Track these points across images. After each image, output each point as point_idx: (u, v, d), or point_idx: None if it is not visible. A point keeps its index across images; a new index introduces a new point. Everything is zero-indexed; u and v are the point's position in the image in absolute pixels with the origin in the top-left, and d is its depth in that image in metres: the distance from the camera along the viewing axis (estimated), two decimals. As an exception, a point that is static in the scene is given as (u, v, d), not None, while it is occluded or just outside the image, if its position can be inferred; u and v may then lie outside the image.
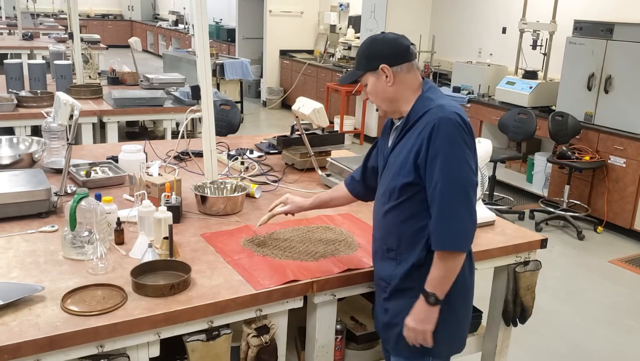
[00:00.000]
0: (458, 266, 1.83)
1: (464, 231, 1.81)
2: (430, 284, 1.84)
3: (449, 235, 1.80)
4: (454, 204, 1.79)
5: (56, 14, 15.48)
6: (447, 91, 6.99)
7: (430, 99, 1.88)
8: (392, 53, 1.89)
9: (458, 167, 1.78)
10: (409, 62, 1.90)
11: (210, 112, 2.72)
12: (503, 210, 5.71)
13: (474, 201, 1.83)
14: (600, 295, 4.28)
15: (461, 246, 1.82)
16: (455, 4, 7.81)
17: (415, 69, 1.92)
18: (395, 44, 1.90)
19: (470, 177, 1.81)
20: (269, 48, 10.43)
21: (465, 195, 1.79)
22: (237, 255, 2.16)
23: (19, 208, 2.38)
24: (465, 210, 1.80)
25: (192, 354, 1.83)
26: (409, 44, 1.92)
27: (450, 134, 1.78)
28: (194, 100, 2.92)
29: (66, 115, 2.60)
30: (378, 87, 1.92)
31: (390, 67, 1.88)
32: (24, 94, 4.62)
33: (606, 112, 5.35)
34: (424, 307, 1.86)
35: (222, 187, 2.70)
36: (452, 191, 1.79)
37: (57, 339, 1.63)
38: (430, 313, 1.86)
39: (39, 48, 8.43)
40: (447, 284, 1.84)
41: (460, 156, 1.79)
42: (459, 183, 1.78)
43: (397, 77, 1.89)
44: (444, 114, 1.80)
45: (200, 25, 2.63)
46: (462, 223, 1.80)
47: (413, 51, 1.92)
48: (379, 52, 1.91)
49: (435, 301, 1.84)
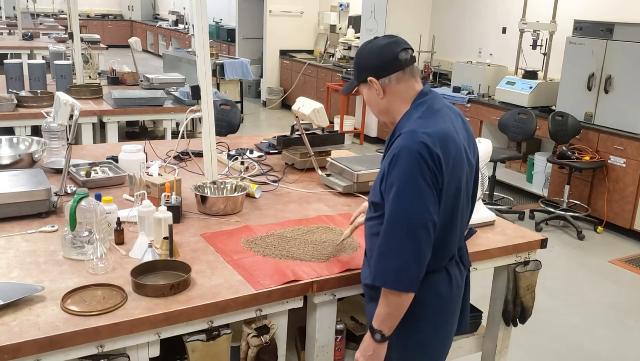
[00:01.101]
0: (404, 304, 1.73)
1: (403, 270, 1.67)
2: (376, 321, 1.77)
3: (387, 273, 1.69)
4: (397, 241, 1.68)
5: (56, 14, 15.48)
6: (447, 91, 7.00)
7: (409, 119, 1.77)
8: (377, 64, 1.79)
9: (408, 202, 1.67)
10: (399, 72, 1.78)
11: (210, 112, 2.72)
12: (503, 210, 5.71)
13: (422, 242, 1.68)
14: (600, 295, 4.28)
15: (400, 286, 1.69)
16: (455, 4, 7.81)
17: (408, 78, 1.80)
18: (381, 54, 1.79)
19: (421, 214, 1.66)
20: (269, 48, 10.43)
21: (411, 232, 1.66)
22: (237, 255, 2.16)
23: (19, 208, 2.38)
24: (408, 249, 1.67)
25: (192, 354, 1.84)
26: (398, 51, 1.78)
27: (407, 167, 1.66)
28: (194, 100, 2.92)
29: (66, 115, 2.60)
30: (370, 98, 1.86)
31: (377, 79, 1.79)
32: (24, 94, 4.61)
33: (606, 112, 5.35)
34: (371, 343, 1.79)
35: (222, 187, 2.70)
36: (397, 227, 1.68)
37: (57, 339, 1.63)
38: (377, 349, 1.79)
39: (39, 48, 8.43)
40: (394, 321, 1.76)
41: (413, 194, 1.66)
42: (405, 218, 1.67)
43: (387, 89, 1.80)
44: (408, 143, 1.67)
45: (200, 25, 2.63)
46: (403, 261, 1.67)
47: (404, 58, 1.79)
48: (366, 63, 1.82)
49: (381, 338, 1.77)
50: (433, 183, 1.68)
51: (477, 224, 2.57)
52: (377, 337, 1.78)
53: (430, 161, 1.66)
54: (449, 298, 1.90)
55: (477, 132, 6.62)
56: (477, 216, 2.58)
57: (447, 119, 1.80)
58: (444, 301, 1.89)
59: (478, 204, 2.60)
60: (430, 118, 1.76)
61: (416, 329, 1.85)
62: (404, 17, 7.97)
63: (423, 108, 1.79)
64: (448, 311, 1.92)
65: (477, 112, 6.65)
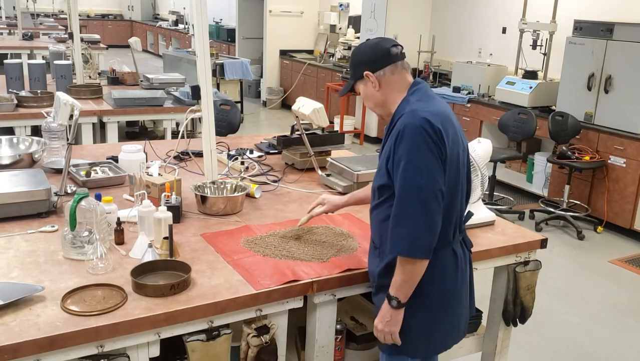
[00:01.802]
0: (418, 271, 1.82)
1: (417, 237, 1.77)
2: (392, 288, 1.86)
3: (401, 241, 1.79)
4: (409, 210, 1.78)
5: (56, 14, 15.48)
6: (447, 91, 7.00)
7: (409, 103, 1.89)
8: (372, 59, 1.93)
9: (417, 174, 1.77)
10: (392, 65, 1.92)
11: (210, 112, 2.72)
12: (503, 210, 5.71)
13: (433, 209, 1.78)
14: (600, 295, 4.28)
15: (414, 252, 1.79)
16: (455, 4, 7.81)
17: (400, 70, 1.94)
18: (374, 49, 1.94)
19: (430, 185, 1.77)
20: (269, 48, 10.43)
21: (422, 202, 1.76)
22: (237, 255, 2.16)
23: (19, 207, 2.38)
24: (420, 217, 1.77)
25: (192, 354, 1.84)
26: (390, 46, 1.92)
27: (413, 140, 1.77)
28: (194, 100, 2.92)
29: (66, 115, 2.60)
30: (367, 93, 1.98)
31: (372, 73, 1.92)
32: (24, 94, 4.62)
33: (606, 112, 5.35)
34: (388, 309, 1.88)
35: (222, 187, 2.70)
36: (409, 197, 1.78)
37: (57, 339, 1.63)
38: (395, 315, 1.88)
39: (39, 48, 8.43)
40: (409, 288, 1.84)
41: (421, 163, 1.77)
42: (416, 189, 1.77)
43: (382, 81, 1.93)
44: (411, 119, 1.79)
45: (200, 25, 2.63)
46: (416, 229, 1.77)
47: (395, 52, 1.92)
48: (360, 60, 1.96)
49: (397, 304, 1.86)
50: (438, 154, 1.79)
51: (477, 224, 2.57)
52: (393, 303, 1.86)
53: (433, 135, 1.77)
54: (454, 279, 1.98)
55: (477, 132, 6.62)
56: (477, 216, 2.58)
57: (442, 103, 1.94)
58: (450, 282, 1.96)
59: (478, 204, 2.60)
60: (427, 101, 1.89)
61: (423, 309, 1.92)
62: (404, 17, 7.97)
63: (419, 94, 1.92)
64: (454, 292, 1.99)
65: (477, 112, 6.65)
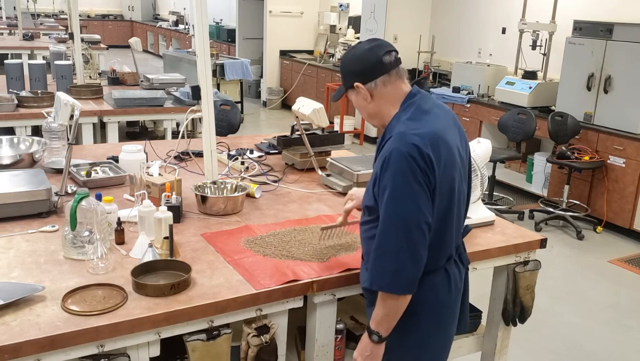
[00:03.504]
0: (401, 305, 1.73)
1: (399, 272, 1.68)
2: (373, 322, 1.79)
3: (383, 276, 1.69)
4: (392, 243, 1.68)
5: (56, 14, 15.47)
6: (447, 91, 7.01)
7: (399, 121, 1.77)
8: (362, 69, 1.78)
9: (401, 205, 1.66)
10: (385, 75, 1.78)
11: (210, 113, 2.73)
12: (503, 210, 5.71)
13: (418, 243, 1.67)
14: (599, 295, 4.28)
15: (396, 288, 1.69)
16: (455, 4, 7.81)
17: (394, 80, 1.80)
18: (365, 59, 1.78)
19: (415, 216, 1.66)
20: (269, 48, 10.44)
21: (406, 234, 1.66)
22: (237, 255, 2.16)
23: (19, 207, 2.38)
24: (403, 250, 1.66)
25: (192, 354, 1.84)
26: (382, 54, 1.77)
27: (398, 169, 1.66)
28: (194, 100, 2.92)
29: (66, 115, 2.60)
30: (359, 103, 1.86)
31: (363, 84, 1.79)
32: (25, 94, 4.62)
33: (606, 113, 5.36)
34: (368, 343, 1.81)
35: (222, 187, 2.71)
36: (391, 229, 1.68)
37: (58, 339, 1.64)
38: (375, 349, 1.81)
39: (40, 48, 8.43)
40: (391, 322, 1.77)
41: (406, 194, 1.66)
42: (399, 220, 1.66)
43: (374, 93, 1.80)
44: (398, 145, 1.67)
45: (201, 25, 2.63)
46: (398, 263, 1.67)
47: (388, 61, 1.78)
48: (350, 69, 1.82)
49: (378, 339, 1.79)
50: (425, 183, 1.67)
51: (477, 224, 2.57)
52: (374, 338, 1.80)
53: (421, 162, 1.66)
54: (448, 298, 1.90)
55: (477, 132, 6.63)
56: (477, 216, 2.59)
57: (437, 119, 1.79)
58: (443, 301, 1.88)
59: (478, 204, 2.60)
60: (419, 119, 1.75)
61: (415, 329, 1.86)
62: (403, 18, 7.97)
63: (412, 109, 1.79)
64: (447, 310, 1.92)
65: (476, 113, 6.65)
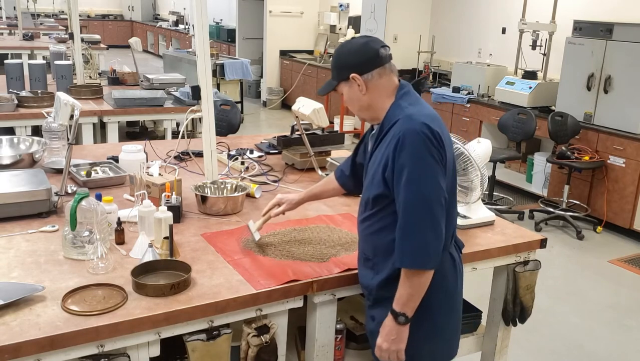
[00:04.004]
0: (425, 283, 1.78)
1: (426, 248, 1.74)
2: (398, 303, 1.80)
3: (411, 253, 1.74)
4: (417, 221, 1.73)
5: (56, 14, 15.47)
6: (447, 91, 7.01)
7: (401, 107, 1.82)
8: (360, 61, 1.83)
9: (422, 183, 1.72)
10: (381, 67, 1.84)
11: (210, 113, 2.73)
12: (503, 210, 5.71)
13: (439, 217, 1.75)
14: (599, 295, 4.28)
15: (424, 263, 1.75)
16: (455, 4, 7.81)
17: (388, 73, 1.86)
18: (362, 51, 1.84)
19: (436, 193, 1.74)
20: (269, 48, 10.44)
21: (429, 211, 1.73)
22: (237, 255, 2.16)
23: (19, 207, 2.38)
24: (428, 227, 1.73)
25: (192, 354, 1.84)
26: (379, 48, 1.84)
27: (415, 148, 1.72)
28: (194, 100, 2.92)
29: (66, 115, 2.60)
30: (352, 96, 1.88)
31: (360, 75, 1.83)
32: (25, 94, 4.62)
33: (605, 113, 5.36)
34: (394, 327, 1.82)
35: (222, 187, 2.71)
36: (416, 207, 1.73)
37: (58, 339, 1.64)
38: (401, 332, 1.82)
39: (40, 48, 8.43)
40: (416, 302, 1.80)
41: (426, 171, 1.73)
42: (422, 198, 1.73)
43: (370, 84, 1.84)
44: (410, 125, 1.74)
45: (201, 25, 2.63)
46: (425, 240, 1.73)
47: (384, 54, 1.84)
48: (347, 61, 1.86)
49: (405, 320, 1.80)
50: (439, 159, 1.75)
51: (477, 224, 2.57)
52: (401, 320, 1.81)
53: (434, 140, 1.74)
54: (455, 283, 1.95)
55: (476, 132, 6.63)
56: (477, 216, 2.59)
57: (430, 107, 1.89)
58: (452, 287, 1.94)
59: (478, 204, 2.60)
60: (420, 104, 1.85)
61: (428, 318, 1.88)
62: (404, 17, 7.97)
63: (409, 97, 1.87)
64: (456, 295, 1.97)
65: (476, 113, 6.65)
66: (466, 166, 2.46)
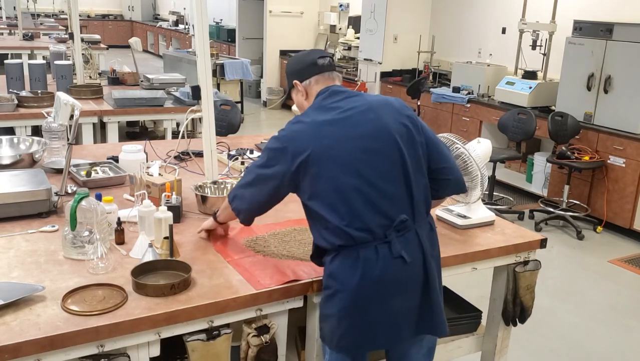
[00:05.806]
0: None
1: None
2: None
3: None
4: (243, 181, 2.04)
5: (56, 14, 15.46)
6: (447, 91, 7.01)
7: (305, 114, 1.97)
8: (300, 68, 2.01)
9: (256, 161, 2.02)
10: (319, 75, 1.98)
11: (210, 113, 2.73)
12: (503, 210, 5.71)
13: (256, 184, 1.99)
14: (599, 295, 4.28)
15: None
16: (455, 4, 7.81)
17: (324, 81, 1.98)
18: (302, 60, 2.02)
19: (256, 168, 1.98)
20: (269, 48, 10.44)
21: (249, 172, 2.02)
22: (237, 255, 2.16)
23: (19, 207, 2.38)
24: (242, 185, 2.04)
25: (192, 354, 1.84)
26: (317, 57, 1.99)
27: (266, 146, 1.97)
28: (194, 100, 2.93)
29: (66, 115, 2.60)
30: (297, 101, 2.05)
31: (300, 82, 2.00)
32: (25, 94, 4.62)
33: (606, 112, 5.36)
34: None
35: (222, 187, 2.71)
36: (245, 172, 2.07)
37: (58, 339, 1.64)
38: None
39: (40, 48, 8.43)
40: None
41: (260, 159, 1.98)
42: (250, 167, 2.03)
43: (309, 90, 2.00)
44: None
45: (201, 25, 2.63)
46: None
47: (322, 63, 1.98)
48: (291, 69, 2.06)
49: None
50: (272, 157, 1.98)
51: (477, 224, 2.58)
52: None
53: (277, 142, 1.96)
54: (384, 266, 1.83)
55: (477, 132, 6.63)
56: (477, 216, 2.59)
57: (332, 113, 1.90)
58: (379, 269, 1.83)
59: (478, 204, 2.60)
60: (306, 116, 1.95)
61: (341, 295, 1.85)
62: (403, 17, 7.97)
63: (311, 108, 1.96)
64: (383, 280, 1.83)
65: (476, 113, 6.65)
66: (466, 166, 2.46)
